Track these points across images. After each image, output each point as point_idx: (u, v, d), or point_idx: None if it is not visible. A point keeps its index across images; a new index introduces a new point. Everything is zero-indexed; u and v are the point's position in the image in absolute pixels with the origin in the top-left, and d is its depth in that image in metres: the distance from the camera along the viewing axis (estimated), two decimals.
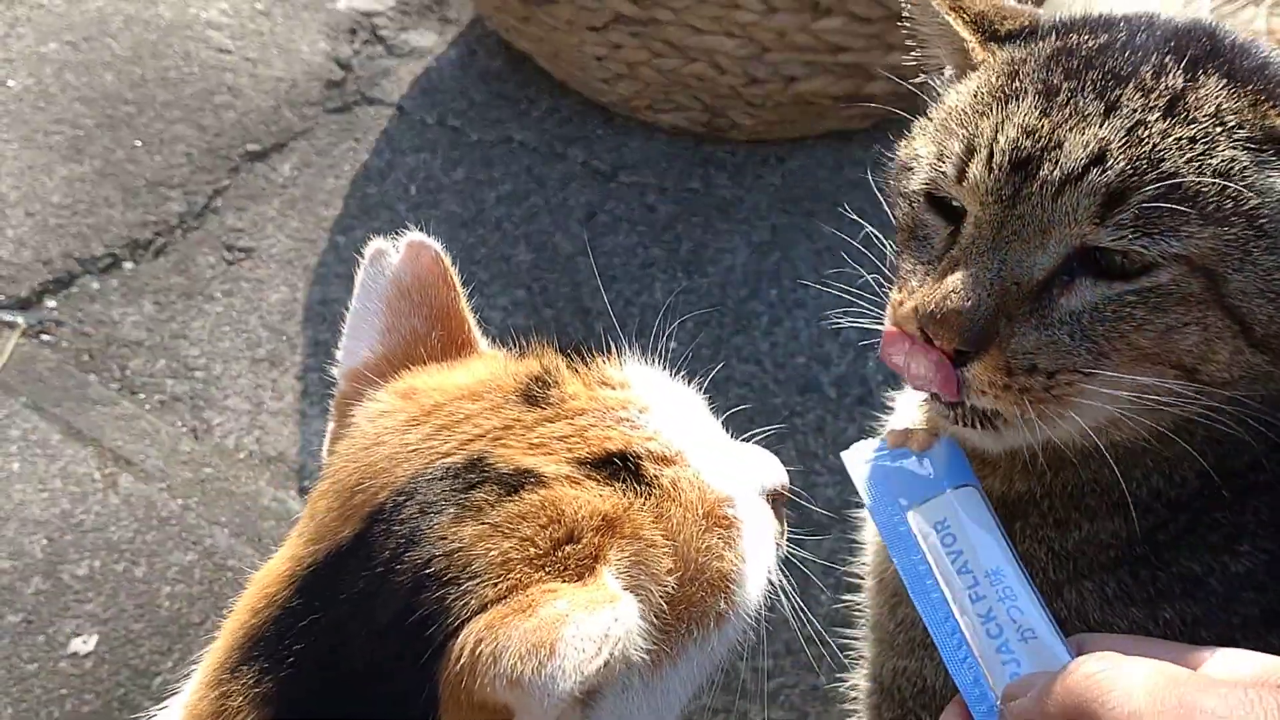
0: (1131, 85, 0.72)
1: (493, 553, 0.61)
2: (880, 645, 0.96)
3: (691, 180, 1.99)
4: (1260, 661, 0.61)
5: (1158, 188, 0.68)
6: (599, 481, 0.66)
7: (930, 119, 0.81)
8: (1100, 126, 0.71)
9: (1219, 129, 0.70)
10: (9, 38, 2.14)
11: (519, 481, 0.64)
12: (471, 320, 0.78)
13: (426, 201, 1.95)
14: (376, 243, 0.76)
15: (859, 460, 0.78)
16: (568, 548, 0.62)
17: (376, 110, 2.09)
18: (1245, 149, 0.70)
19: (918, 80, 0.91)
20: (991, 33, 0.82)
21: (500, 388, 0.71)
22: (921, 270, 0.76)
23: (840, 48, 1.79)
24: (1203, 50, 0.74)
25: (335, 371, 0.77)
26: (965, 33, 0.83)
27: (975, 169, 0.73)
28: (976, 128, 0.74)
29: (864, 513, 0.98)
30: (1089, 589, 0.81)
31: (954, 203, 0.75)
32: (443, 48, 2.20)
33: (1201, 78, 0.72)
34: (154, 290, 1.82)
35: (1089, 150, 0.70)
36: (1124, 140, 0.70)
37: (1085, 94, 0.72)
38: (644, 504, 0.66)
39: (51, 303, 1.79)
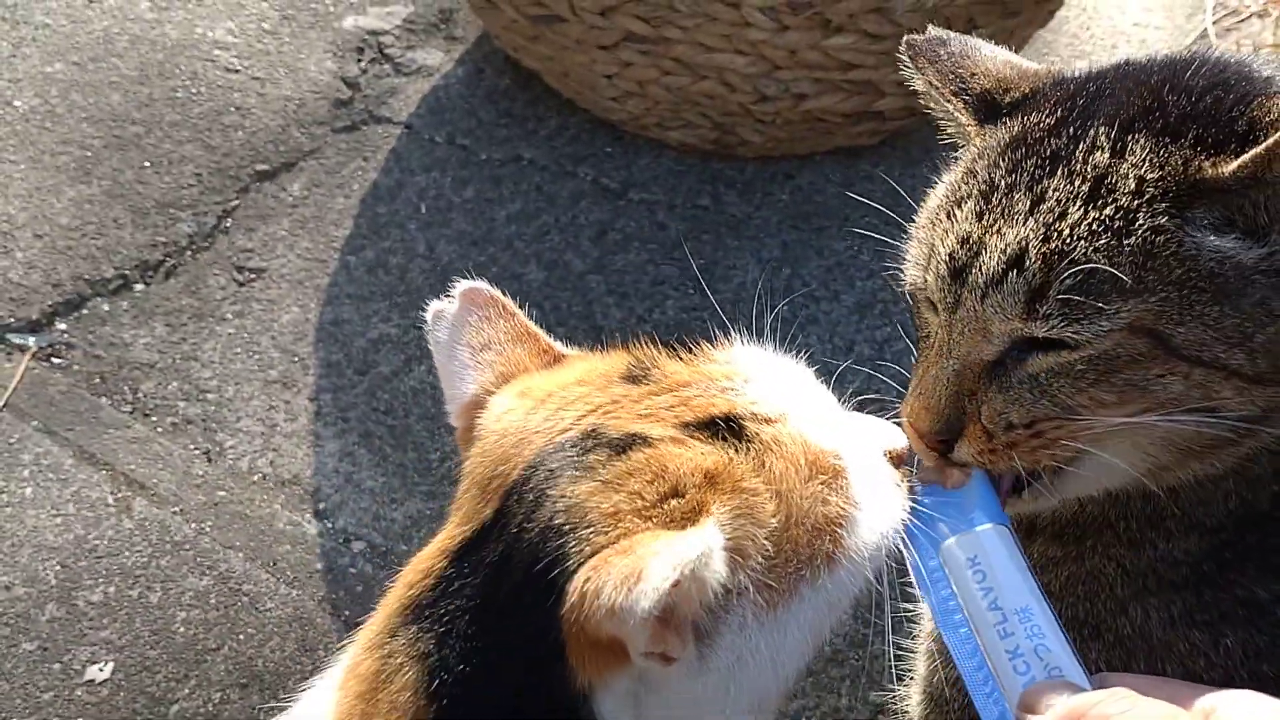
0: (1061, 172, 0.75)
1: (604, 505, 0.68)
2: (933, 656, 0.97)
3: (701, 197, 1.99)
4: (1267, 710, 0.61)
5: (1074, 277, 0.72)
6: (702, 441, 0.71)
7: (918, 219, 0.85)
8: (1023, 225, 0.74)
9: (1139, 203, 0.72)
10: (15, 58, 2.14)
11: (628, 443, 0.71)
12: (544, 335, 0.85)
13: (437, 220, 1.94)
14: (434, 305, 0.84)
15: None
16: (673, 501, 0.68)
17: (385, 129, 2.09)
18: (1169, 216, 0.72)
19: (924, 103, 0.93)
20: (994, 109, 0.85)
21: (604, 374, 0.78)
22: (915, 373, 0.83)
23: (851, 65, 1.79)
24: (1142, 108, 0.76)
25: (450, 419, 0.85)
26: (964, 117, 0.86)
27: (930, 278, 0.79)
28: (933, 237, 0.79)
29: None
30: (1154, 606, 0.82)
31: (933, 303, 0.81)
32: (450, 66, 2.20)
33: (1130, 145, 0.74)
34: (165, 312, 1.81)
35: (1008, 254, 0.74)
36: (1042, 237, 0.73)
37: (1018, 190, 0.76)
38: (746, 458, 0.71)
39: (62, 325, 1.78)
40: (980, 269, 0.75)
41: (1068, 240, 0.72)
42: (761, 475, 0.71)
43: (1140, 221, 0.72)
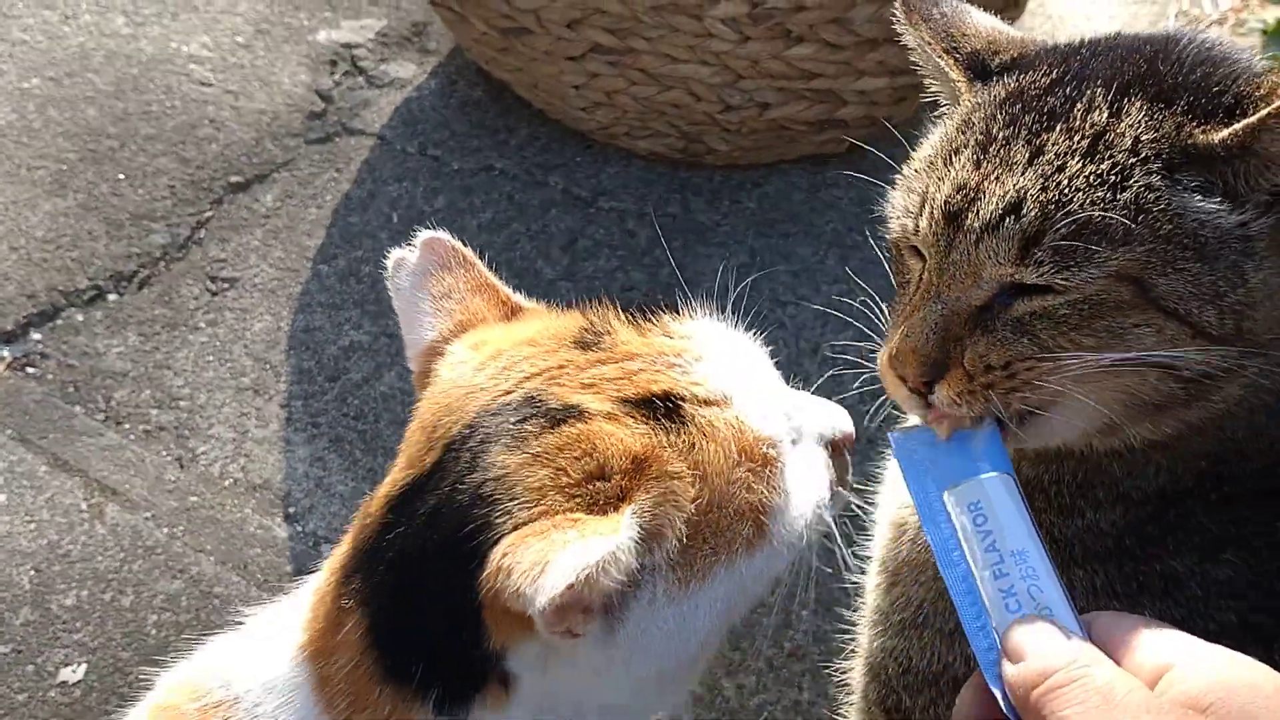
0: (1060, 127, 0.78)
1: (531, 480, 0.70)
2: (874, 627, 1.00)
3: (670, 205, 2.02)
4: (1215, 672, 0.64)
5: (1069, 227, 0.75)
6: (637, 419, 0.73)
7: (907, 168, 0.88)
8: (1021, 175, 0.77)
9: (1134, 160, 0.76)
10: None
11: (563, 416, 0.73)
12: (503, 286, 0.87)
13: (409, 230, 1.96)
14: (395, 253, 0.86)
15: (904, 438, 0.82)
16: (598, 483, 0.70)
17: (358, 140, 2.12)
18: (1161, 175, 0.76)
19: (885, 111, 0.96)
20: (983, 69, 0.88)
21: (556, 335, 0.80)
22: (897, 317, 0.84)
23: (812, 74, 1.82)
24: (1136, 74, 0.79)
25: (408, 362, 0.86)
26: (955, 73, 0.88)
27: (923, 222, 0.81)
28: (927, 183, 0.82)
29: (879, 497, 1.04)
30: (1079, 578, 0.85)
31: (920, 249, 0.83)
32: (423, 78, 2.23)
33: (1126, 106, 0.78)
34: (138, 321, 1.83)
35: (1006, 200, 0.77)
36: (1040, 187, 0.76)
37: (1016, 142, 0.79)
38: (677, 440, 0.73)
39: (36, 335, 1.80)
40: (977, 214, 0.77)
41: (1065, 191, 0.75)
42: (689, 459, 0.73)
43: (1135, 178, 0.75)
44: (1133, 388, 0.78)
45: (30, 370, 1.76)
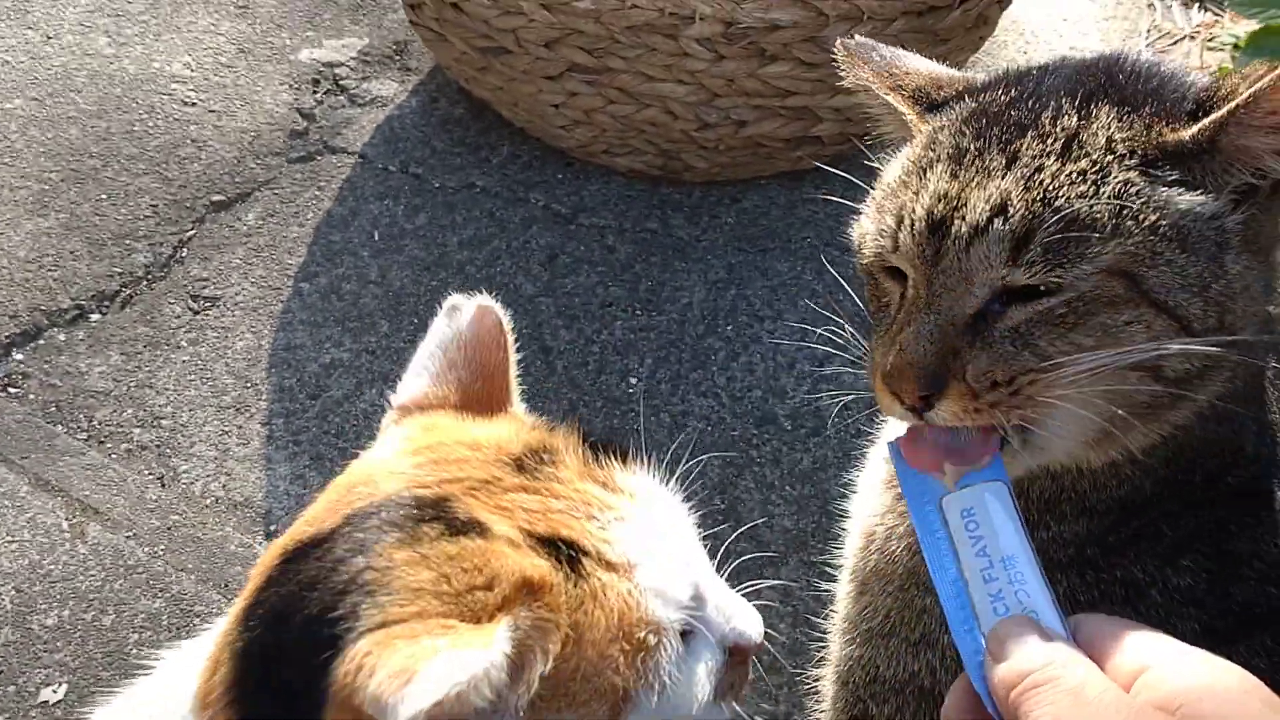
0: (1030, 134, 0.79)
1: (410, 578, 0.67)
2: (843, 635, 1.01)
3: (649, 221, 2.04)
4: (1189, 676, 0.65)
5: (1058, 223, 0.75)
6: (539, 554, 0.70)
7: (873, 196, 0.89)
8: (1002, 179, 0.78)
9: (1111, 158, 0.77)
10: None
11: (466, 528, 0.70)
12: (514, 384, 0.85)
13: (390, 247, 1.99)
14: (454, 298, 0.86)
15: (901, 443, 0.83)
16: (480, 594, 0.66)
17: (339, 159, 2.13)
18: (1138, 171, 0.77)
19: (860, 127, 0.98)
20: (930, 102, 0.90)
21: (500, 448, 0.78)
22: (881, 344, 0.84)
23: (788, 92, 1.84)
24: (1097, 84, 0.81)
25: (392, 399, 0.87)
26: (904, 107, 0.90)
27: (903, 237, 0.81)
28: (901, 201, 0.82)
29: (851, 506, 1.05)
30: None
31: (900, 269, 0.83)
32: (404, 96, 2.24)
33: (1094, 111, 0.80)
34: (120, 341, 1.84)
35: (991, 203, 0.77)
36: (1023, 188, 0.77)
37: (990, 151, 0.80)
38: (569, 589, 0.70)
39: (19, 355, 1.81)
40: (963, 219, 0.78)
41: (1049, 189, 0.76)
42: (572, 615, 0.69)
43: (1114, 174, 0.77)
44: (1119, 392, 0.79)
45: (12, 390, 1.77)
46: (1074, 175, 0.77)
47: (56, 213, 2.00)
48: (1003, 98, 0.83)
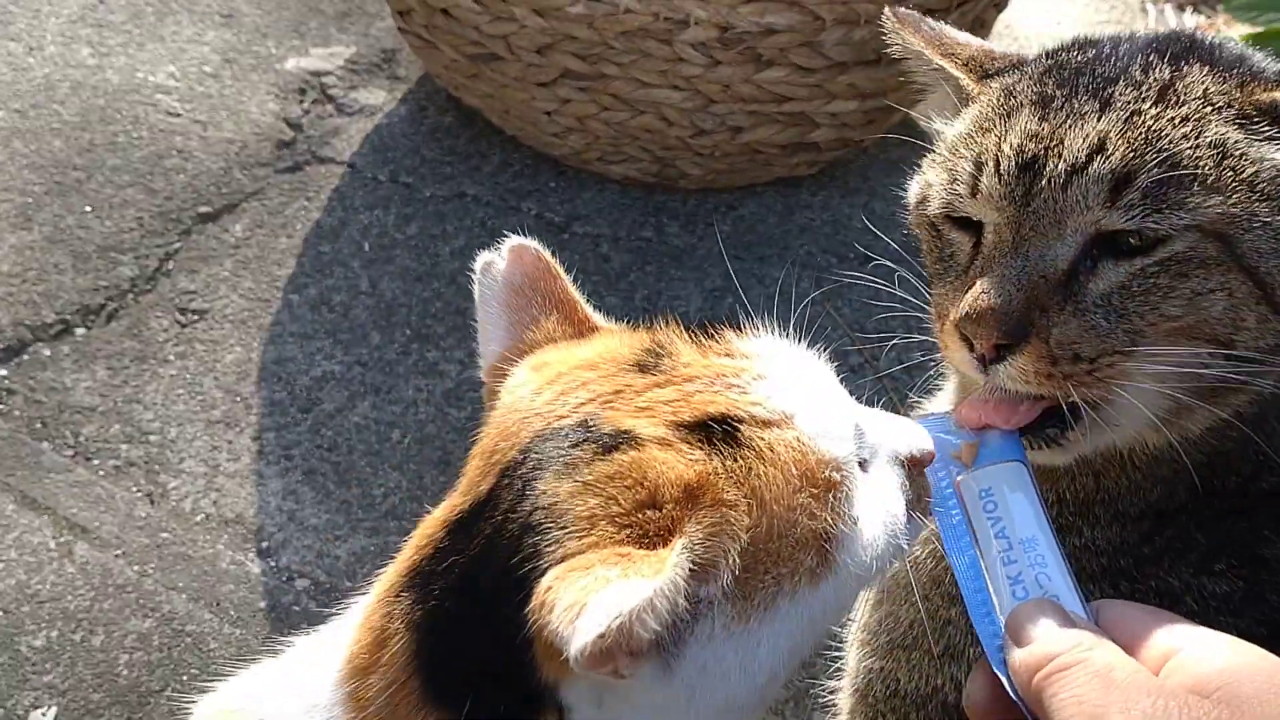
0: (1122, 83, 0.78)
1: (580, 508, 0.68)
2: (862, 646, 0.99)
3: (644, 229, 2.02)
4: (1223, 658, 0.63)
5: (1160, 165, 0.73)
6: (692, 444, 0.70)
7: (937, 152, 0.88)
8: (1098, 121, 0.76)
9: (1209, 109, 0.76)
10: None
11: (615, 442, 0.70)
12: (584, 302, 0.84)
13: (381, 258, 1.96)
14: (483, 256, 0.84)
15: (920, 421, 0.81)
16: (649, 512, 0.67)
17: (328, 169, 2.10)
18: (1235, 125, 0.76)
19: (856, 133, 0.98)
20: (983, 72, 0.90)
21: (616, 358, 0.77)
22: (952, 291, 0.81)
23: (784, 98, 1.83)
24: (1183, 47, 0.80)
25: (480, 374, 0.85)
26: (959, 71, 0.89)
27: (986, 180, 0.79)
28: (982, 145, 0.80)
29: None
30: None
31: (973, 218, 0.81)
32: (393, 105, 2.22)
33: (1186, 68, 0.78)
34: (107, 355, 1.81)
35: (1089, 142, 0.75)
36: (1122, 129, 0.75)
37: (1079, 97, 0.78)
38: (732, 465, 0.70)
39: (3, 371, 1.77)
40: (1060, 157, 0.75)
41: (1150, 130, 0.74)
42: (745, 486, 0.70)
43: (1213, 123, 0.75)
44: (1191, 372, 0.76)
45: None
46: (1174, 120, 0.75)
47: (40, 226, 1.96)
48: (1079, 57, 0.82)
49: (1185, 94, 0.76)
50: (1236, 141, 0.75)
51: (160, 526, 1.62)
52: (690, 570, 0.65)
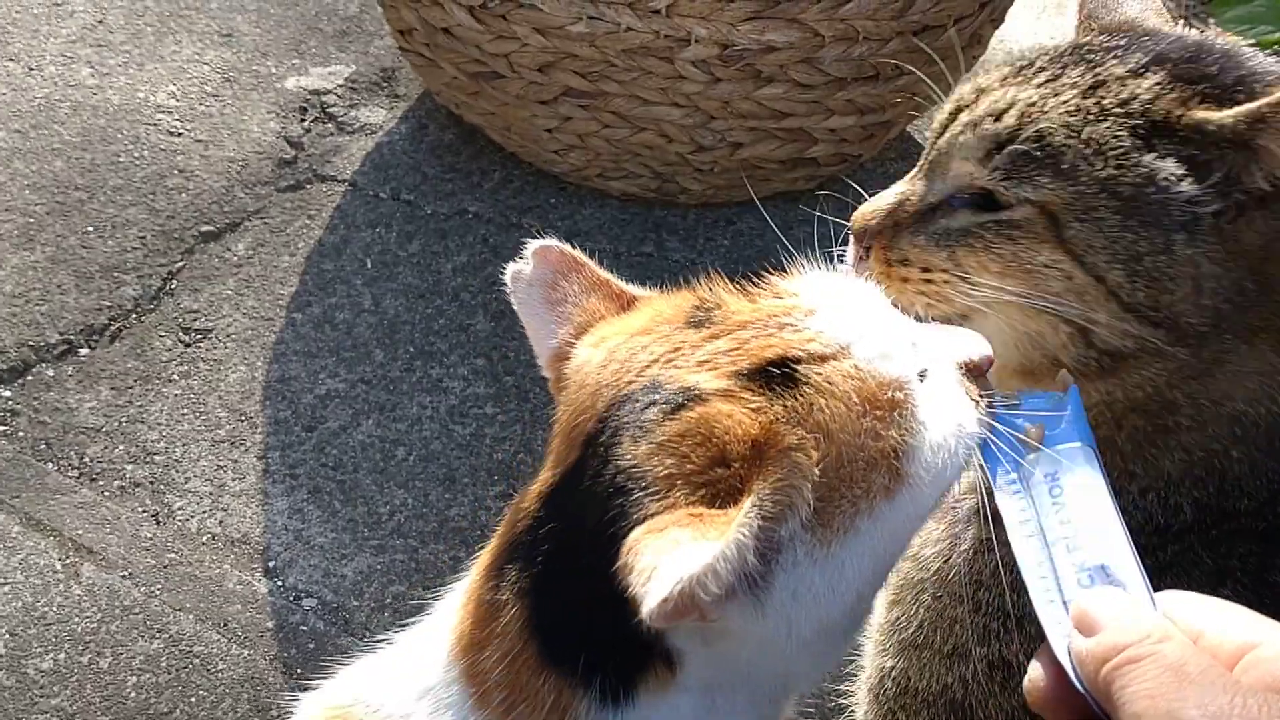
0: (1082, 68, 0.84)
1: (658, 469, 0.70)
2: (876, 646, 1.00)
3: (645, 245, 2.03)
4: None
5: (1029, 140, 0.82)
6: (754, 392, 0.72)
7: None
8: (1021, 91, 0.84)
9: (1120, 110, 0.81)
10: None
11: (682, 400, 0.73)
12: (616, 279, 0.88)
13: (383, 275, 1.96)
14: (511, 267, 0.87)
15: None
16: (719, 470, 0.70)
17: (329, 187, 2.11)
18: (1134, 132, 0.80)
19: (855, 148, 1.04)
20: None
21: (668, 319, 0.80)
22: None
23: (783, 114, 1.84)
24: (1174, 54, 0.84)
25: (542, 370, 0.88)
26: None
27: (938, 115, 0.91)
28: (964, 86, 0.92)
29: None
30: None
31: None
32: (393, 123, 2.22)
33: (1146, 73, 0.83)
34: (110, 375, 1.81)
35: (996, 106, 0.85)
36: (1029, 102, 0.83)
37: (1047, 70, 0.86)
38: (795, 405, 0.72)
39: (6, 392, 1.78)
40: (971, 112, 0.86)
41: (1045, 110, 0.82)
42: (810, 421, 0.72)
43: (1107, 123, 0.81)
44: (1044, 336, 0.83)
45: (1, 428, 1.74)
46: (1075, 109, 0.82)
47: (42, 246, 1.96)
48: (1109, 43, 0.87)
49: (1112, 93, 0.82)
50: (1117, 146, 0.80)
51: (166, 547, 1.62)
52: (761, 524, 0.67)
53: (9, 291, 1.89)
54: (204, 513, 1.66)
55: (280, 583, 1.59)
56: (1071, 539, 0.71)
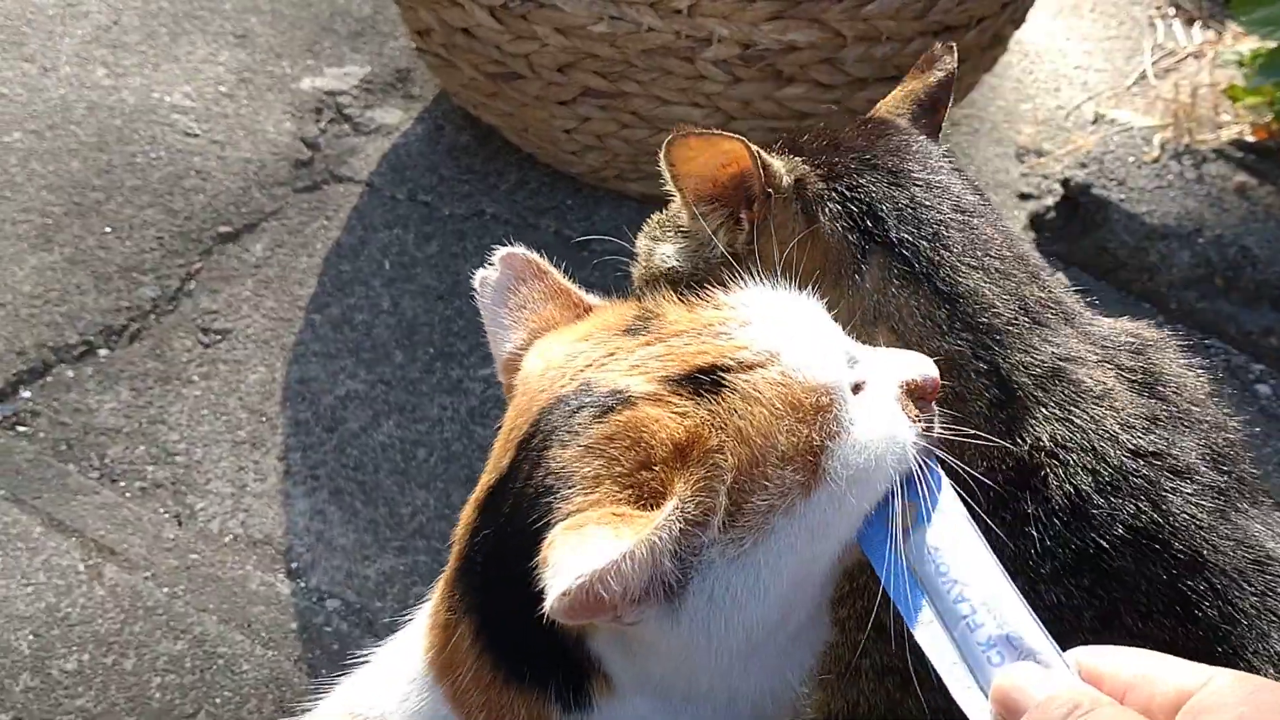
0: None
1: (585, 469, 0.72)
2: (828, 685, 1.01)
3: None
4: (1242, 694, 0.59)
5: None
6: (682, 397, 0.74)
7: None
8: None
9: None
10: None
11: (612, 403, 0.74)
12: (576, 289, 0.90)
13: (401, 276, 1.96)
14: (480, 272, 0.91)
15: None
16: (644, 472, 0.71)
17: (346, 188, 2.11)
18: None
19: None
20: None
21: (609, 326, 0.82)
22: None
23: (804, 114, 1.83)
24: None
25: (497, 375, 0.90)
26: None
27: None
28: None
29: None
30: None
31: None
32: (409, 124, 2.22)
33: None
34: (130, 376, 1.81)
35: None
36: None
37: None
38: (718, 411, 0.73)
39: (27, 393, 1.77)
40: None
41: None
42: (730, 428, 0.73)
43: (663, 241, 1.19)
44: None
45: (21, 429, 1.73)
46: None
47: (60, 247, 1.96)
48: None
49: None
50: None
51: (189, 548, 1.61)
52: (682, 527, 0.69)
53: (28, 292, 1.89)
54: (226, 514, 1.66)
55: (303, 584, 1.58)
56: (970, 618, 0.68)
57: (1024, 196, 2.11)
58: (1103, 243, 1.98)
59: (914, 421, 0.77)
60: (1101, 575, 0.88)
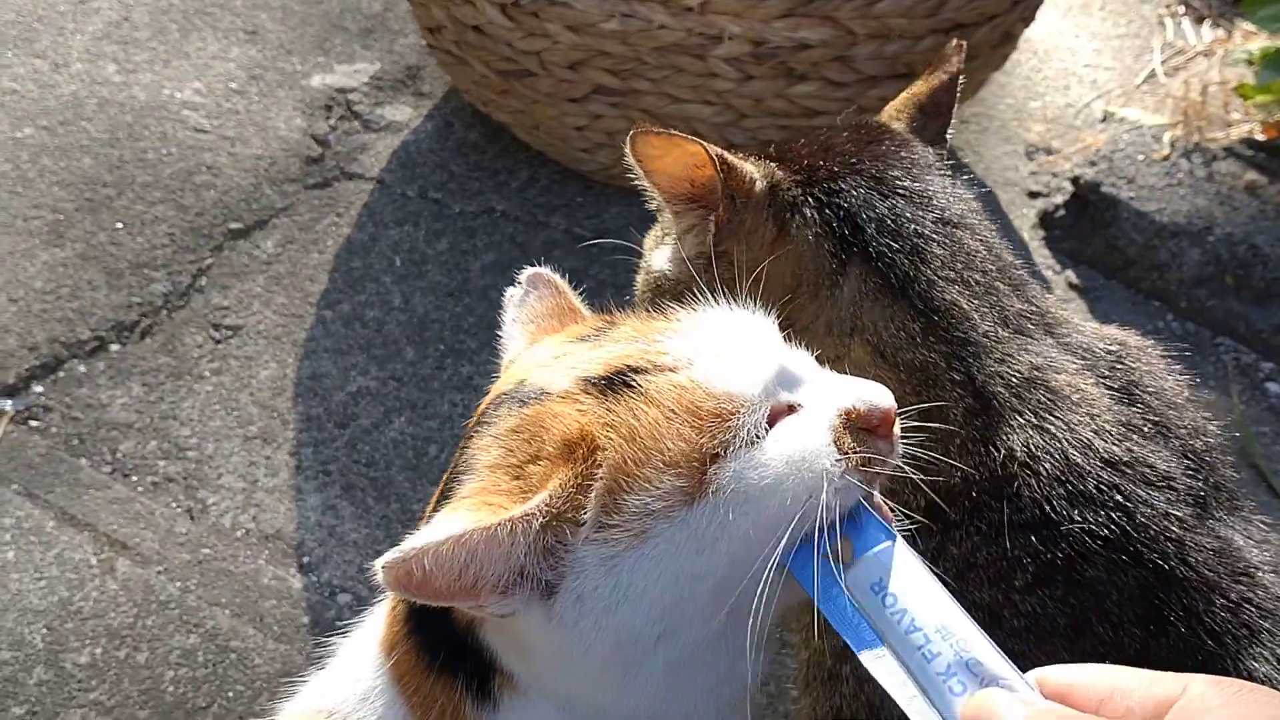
0: None
1: (485, 458, 0.75)
2: (810, 687, 1.03)
3: None
4: (1229, 702, 0.58)
5: None
6: (591, 396, 0.75)
7: None
8: None
9: None
10: None
11: (531, 399, 0.76)
12: (584, 309, 0.92)
13: (412, 273, 1.96)
14: (510, 290, 0.93)
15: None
16: (532, 466, 0.73)
17: (356, 185, 2.11)
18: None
19: None
20: None
21: (572, 335, 0.85)
22: None
23: (815, 112, 1.84)
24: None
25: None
26: None
27: None
28: None
29: None
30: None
31: None
32: (419, 121, 2.23)
33: None
34: (142, 371, 1.81)
35: None
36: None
37: None
38: (616, 409, 0.74)
39: (39, 388, 1.78)
40: None
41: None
42: (622, 427, 0.72)
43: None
44: None
45: (34, 423, 1.74)
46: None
47: (72, 242, 1.96)
48: None
49: None
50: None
51: (201, 542, 1.62)
52: (543, 521, 0.70)
53: (39, 288, 1.90)
54: (237, 509, 1.66)
55: (315, 578, 1.59)
56: (926, 647, 0.66)
57: (1033, 194, 2.11)
58: (1112, 241, 1.98)
59: (845, 453, 0.73)
60: (1074, 585, 0.88)
